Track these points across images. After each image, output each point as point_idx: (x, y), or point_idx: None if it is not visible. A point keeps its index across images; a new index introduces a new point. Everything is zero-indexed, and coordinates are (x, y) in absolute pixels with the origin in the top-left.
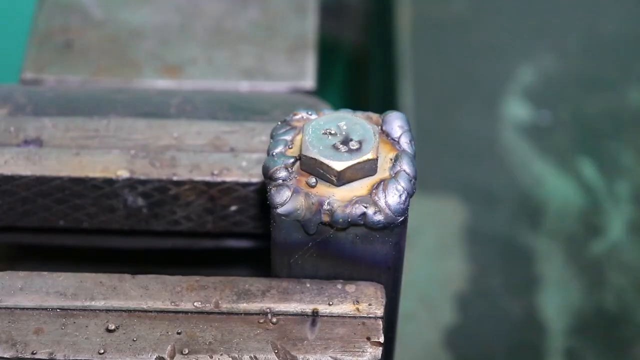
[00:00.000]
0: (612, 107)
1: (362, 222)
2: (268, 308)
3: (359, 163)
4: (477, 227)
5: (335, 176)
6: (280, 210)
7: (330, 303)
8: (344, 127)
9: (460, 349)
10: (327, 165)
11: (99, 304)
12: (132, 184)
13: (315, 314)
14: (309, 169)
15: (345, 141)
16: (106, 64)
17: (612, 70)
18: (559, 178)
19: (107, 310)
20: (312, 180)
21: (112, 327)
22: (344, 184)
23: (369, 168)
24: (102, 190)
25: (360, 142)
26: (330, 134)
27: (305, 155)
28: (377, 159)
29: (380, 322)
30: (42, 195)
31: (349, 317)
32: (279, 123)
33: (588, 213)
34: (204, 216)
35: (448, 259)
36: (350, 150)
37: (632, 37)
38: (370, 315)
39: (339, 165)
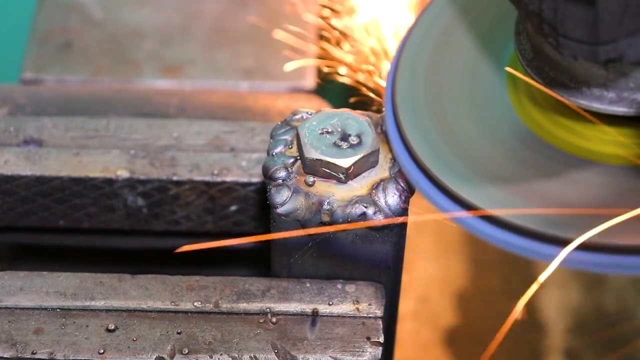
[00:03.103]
0: None
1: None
2: (268, 308)
3: (364, 156)
4: None
5: (343, 173)
6: (280, 210)
7: (330, 303)
8: (338, 124)
9: (460, 348)
10: (334, 164)
11: (99, 303)
12: (132, 183)
13: (315, 313)
14: (313, 171)
15: (344, 137)
16: (106, 64)
17: None
18: None
19: (107, 310)
20: (310, 179)
21: (112, 327)
22: (350, 179)
23: (373, 160)
24: (102, 190)
25: (359, 136)
26: (327, 132)
27: (309, 158)
28: (379, 150)
29: (380, 322)
30: (42, 195)
31: (349, 317)
32: (279, 123)
33: None
34: (204, 216)
35: (448, 259)
36: (352, 146)
37: None
38: (370, 315)
39: (345, 162)
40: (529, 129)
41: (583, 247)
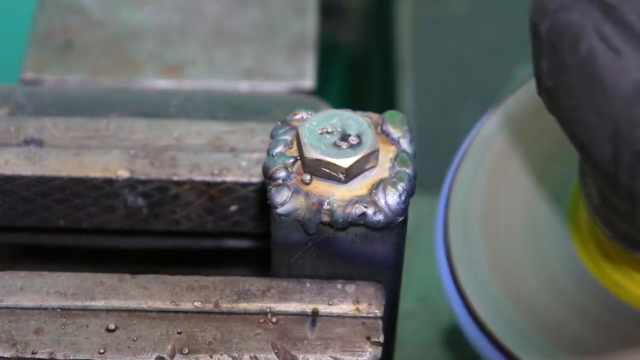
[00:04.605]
0: None
1: (362, 222)
2: (268, 308)
3: (363, 157)
4: None
5: (342, 173)
6: (280, 210)
7: (330, 303)
8: (338, 124)
9: (460, 348)
10: (334, 164)
11: (99, 303)
12: (132, 183)
13: (315, 313)
14: (313, 170)
15: (344, 137)
16: (106, 64)
17: None
18: None
19: (107, 310)
20: (307, 177)
21: (112, 326)
22: (350, 179)
23: (373, 160)
24: (102, 190)
25: (359, 136)
26: (327, 132)
27: (309, 158)
28: (378, 150)
29: (380, 322)
30: (42, 195)
31: (349, 317)
32: (279, 123)
33: None
34: (204, 216)
35: None
36: (352, 146)
37: None
38: (370, 315)
39: (345, 162)
40: (603, 286)
41: None
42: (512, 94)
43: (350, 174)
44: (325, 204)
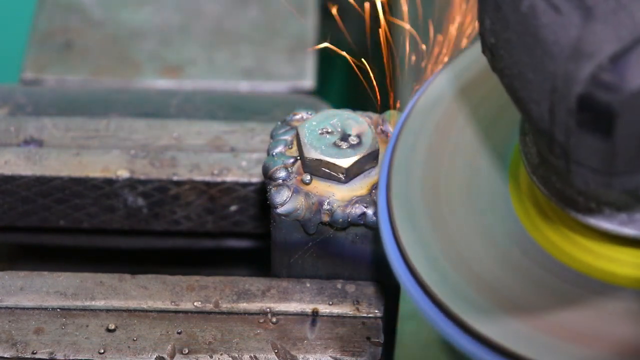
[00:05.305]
0: None
1: (362, 222)
2: (268, 308)
3: (364, 156)
4: None
5: (342, 173)
6: (280, 210)
7: (330, 303)
8: (338, 124)
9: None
10: (334, 164)
11: (99, 303)
12: (132, 183)
13: (315, 313)
14: (313, 170)
15: (344, 137)
16: (106, 64)
17: None
18: None
19: (107, 310)
20: (307, 177)
21: (112, 326)
22: (350, 179)
23: (373, 160)
24: (102, 190)
25: (359, 136)
26: (327, 132)
27: (309, 158)
28: (378, 150)
29: (380, 322)
30: (42, 195)
31: (349, 316)
32: (279, 123)
33: None
34: (204, 216)
35: None
36: (352, 146)
37: None
38: (370, 315)
39: (345, 162)
40: (539, 245)
41: None
42: (462, 53)
43: (350, 174)
44: (325, 204)
